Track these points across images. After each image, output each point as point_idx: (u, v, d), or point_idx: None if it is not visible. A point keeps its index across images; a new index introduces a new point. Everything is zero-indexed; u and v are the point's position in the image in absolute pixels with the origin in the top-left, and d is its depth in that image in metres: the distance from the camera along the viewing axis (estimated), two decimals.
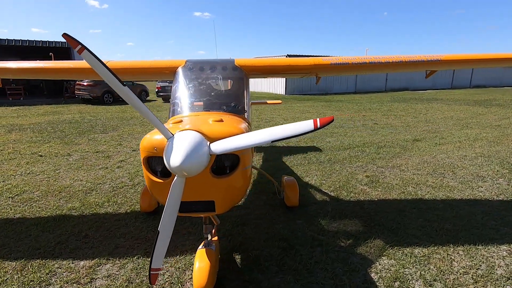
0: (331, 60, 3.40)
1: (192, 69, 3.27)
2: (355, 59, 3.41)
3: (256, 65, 3.40)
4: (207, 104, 2.99)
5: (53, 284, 2.80)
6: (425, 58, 3.44)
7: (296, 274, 2.88)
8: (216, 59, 3.45)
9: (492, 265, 3.01)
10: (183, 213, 2.31)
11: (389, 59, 3.41)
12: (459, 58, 3.48)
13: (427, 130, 10.45)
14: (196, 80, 3.17)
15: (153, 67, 3.45)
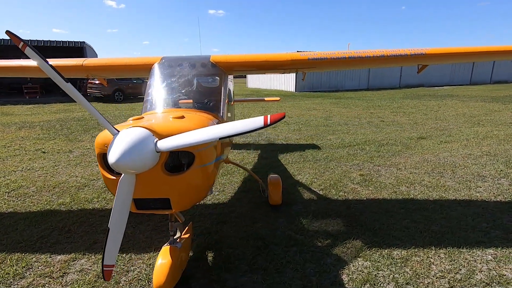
0: (308, 55, 3.30)
1: (167, 66, 3.26)
2: (334, 54, 3.29)
3: (232, 61, 3.34)
4: (177, 100, 2.97)
5: (26, 277, 2.87)
6: (409, 52, 3.28)
7: (264, 274, 2.83)
8: (192, 56, 3.42)
9: (473, 270, 2.85)
10: (141, 210, 2.31)
11: (369, 53, 3.28)
12: (445, 51, 3.30)
13: (435, 128, 10.09)
14: (169, 77, 3.16)
15: (129, 64, 3.46)
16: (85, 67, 3.50)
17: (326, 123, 11.15)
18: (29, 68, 3.52)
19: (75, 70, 3.58)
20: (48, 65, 1.79)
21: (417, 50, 3.28)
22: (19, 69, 3.58)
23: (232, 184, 5.18)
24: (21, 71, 3.79)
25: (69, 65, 3.53)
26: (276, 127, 10.62)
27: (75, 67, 3.49)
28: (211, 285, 2.69)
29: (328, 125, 10.85)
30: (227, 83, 3.44)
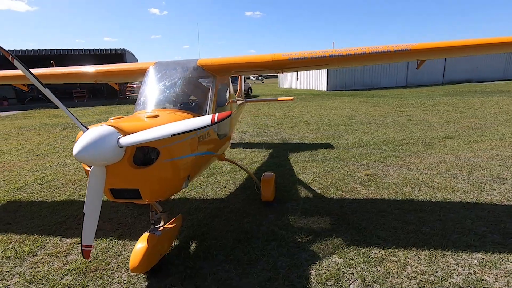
0: (289, 56, 3.38)
1: (158, 70, 3.56)
2: (314, 53, 3.33)
3: (218, 63, 3.54)
4: (163, 101, 3.25)
5: (38, 255, 3.34)
6: (392, 48, 3.20)
7: (237, 265, 2.99)
8: (182, 60, 3.68)
9: (450, 273, 2.74)
10: (118, 200, 2.60)
11: (350, 51, 3.25)
12: (431, 46, 3.15)
13: (467, 127, 9.38)
14: (158, 80, 3.45)
15: (130, 69, 3.83)
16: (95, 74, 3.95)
17: (348, 123, 10.89)
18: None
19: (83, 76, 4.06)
20: (31, 74, 2.14)
21: (401, 46, 3.19)
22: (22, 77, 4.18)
23: (234, 181, 5.39)
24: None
25: (77, 72, 4.01)
26: (295, 126, 10.64)
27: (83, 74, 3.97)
28: (186, 272, 2.91)
29: (350, 124, 10.59)
30: (215, 85, 3.64)
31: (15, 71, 4.04)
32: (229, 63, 3.56)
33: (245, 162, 6.64)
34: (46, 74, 4.02)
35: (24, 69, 2.14)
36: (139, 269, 2.65)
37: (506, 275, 2.68)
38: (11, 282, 2.88)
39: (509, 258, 2.91)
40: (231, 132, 4.54)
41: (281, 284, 2.69)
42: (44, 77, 3.99)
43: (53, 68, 4.18)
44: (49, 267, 3.09)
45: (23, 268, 3.10)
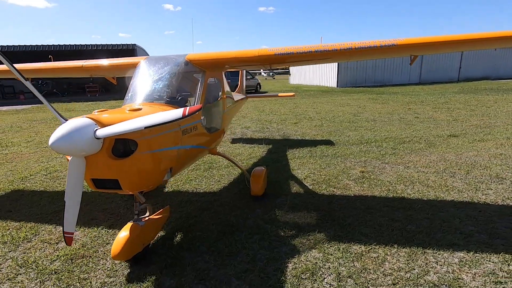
0: (275, 51, 3.38)
1: (148, 64, 3.63)
2: (301, 48, 3.32)
3: (205, 58, 3.59)
4: (150, 95, 3.32)
5: (32, 241, 3.50)
6: (378, 43, 3.16)
7: (217, 256, 3.05)
8: (171, 55, 3.74)
9: (427, 270, 2.72)
10: (100, 189, 2.70)
11: (336, 46, 3.23)
12: (419, 41, 3.08)
13: (475, 125, 9.13)
14: (147, 74, 3.52)
15: (123, 64, 3.92)
16: (85, 68, 4.08)
17: (352, 119, 10.77)
18: (29, 70, 4.24)
19: (78, 71, 4.19)
20: (14, 68, 2.24)
21: (387, 42, 3.14)
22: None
23: (229, 176, 5.45)
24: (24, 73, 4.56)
25: (72, 66, 4.14)
26: (298, 122, 10.60)
27: (77, 68, 4.10)
28: (167, 261, 3.00)
29: (354, 121, 10.47)
30: (204, 79, 3.69)
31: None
32: (216, 58, 3.60)
33: (243, 157, 6.70)
34: (43, 68, 4.18)
35: (7, 63, 2.24)
36: (119, 257, 2.75)
37: (485, 275, 2.64)
38: (4, 266, 3.04)
39: (492, 258, 2.86)
40: (224, 126, 4.58)
41: (257, 276, 2.73)
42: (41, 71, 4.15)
43: (49, 62, 4.33)
44: (41, 253, 3.24)
45: (16, 253, 3.26)
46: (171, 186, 5.05)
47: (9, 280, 2.82)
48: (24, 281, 2.79)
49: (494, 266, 2.75)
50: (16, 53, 21.63)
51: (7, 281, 2.81)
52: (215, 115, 4.36)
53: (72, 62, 4.20)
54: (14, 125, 11.72)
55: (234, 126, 10.33)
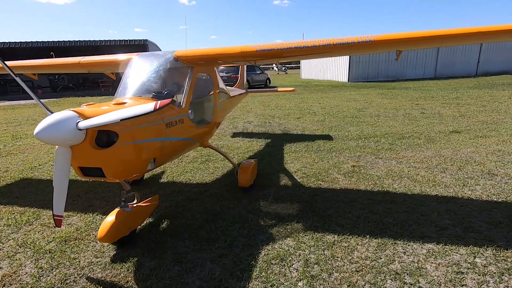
0: (257, 47, 3.50)
1: (138, 61, 3.84)
2: (281, 44, 3.42)
3: (192, 55, 3.75)
4: (138, 90, 3.53)
5: (33, 224, 3.81)
6: (356, 39, 3.22)
7: (196, 241, 3.25)
8: (160, 52, 3.93)
9: (393, 260, 2.82)
10: (87, 177, 2.93)
11: (315, 42, 3.31)
12: (395, 37, 3.13)
13: (482, 121, 8.94)
14: (136, 71, 3.73)
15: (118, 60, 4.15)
16: (82, 64, 4.33)
17: (356, 115, 10.73)
18: (37, 66, 4.54)
19: (76, 67, 4.45)
20: (4, 64, 2.48)
21: (365, 38, 3.21)
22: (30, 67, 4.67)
23: (223, 169, 5.64)
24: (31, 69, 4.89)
25: (70, 62, 4.40)
26: (301, 117, 10.66)
27: (75, 64, 4.36)
28: (150, 245, 3.22)
29: (358, 116, 10.43)
30: (192, 75, 3.86)
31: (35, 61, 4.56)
32: (202, 54, 3.77)
33: (241, 150, 6.87)
34: (43, 64, 4.47)
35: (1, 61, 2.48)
36: (105, 239, 2.99)
37: (448, 266, 2.71)
38: (5, 246, 3.35)
39: (460, 251, 2.92)
40: (215, 120, 4.75)
41: (230, 260, 2.91)
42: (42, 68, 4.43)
43: (48, 59, 4.62)
44: (39, 235, 3.54)
45: (18, 234, 3.57)
46: (167, 177, 5.29)
47: (8, 258, 3.12)
48: (21, 259, 3.08)
49: (460, 258, 2.81)
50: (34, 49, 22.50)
51: (7, 258, 3.11)
52: (205, 109, 4.53)
53: (70, 59, 4.46)
54: (30, 118, 12.33)
55: (237, 120, 10.50)
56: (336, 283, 2.57)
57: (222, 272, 2.74)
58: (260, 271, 2.73)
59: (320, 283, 2.56)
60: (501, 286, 2.47)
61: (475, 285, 2.48)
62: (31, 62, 4.55)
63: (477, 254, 2.86)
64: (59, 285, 2.67)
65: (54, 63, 4.49)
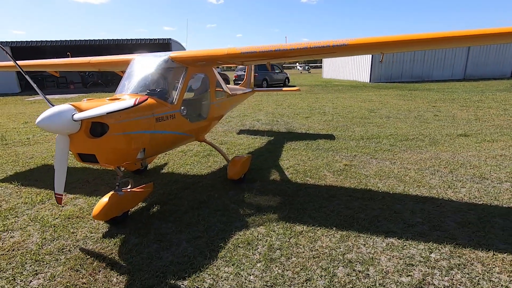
0: (241, 50, 3.78)
1: (137, 62, 4.26)
2: (264, 47, 3.68)
3: (184, 56, 4.10)
4: (135, 88, 3.94)
5: (45, 203, 4.35)
6: (331, 43, 3.41)
7: (179, 224, 3.62)
8: (157, 53, 4.33)
9: (350, 250, 3.02)
10: (84, 162, 3.38)
11: (294, 46, 3.54)
12: (367, 41, 3.28)
13: (496, 125, 8.65)
14: (135, 70, 4.15)
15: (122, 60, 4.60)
16: (92, 63, 4.84)
17: (366, 115, 10.69)
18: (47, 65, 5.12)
19: (87, 66, 4.97)
20: (16, 63, 2.96)
21: (339, 41, 3.40)
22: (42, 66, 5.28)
23: (222, 163, 5.98)
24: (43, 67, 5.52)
25: (81, 62, 4.93)
26: (309, 117, 10.79)
27: (86, 64, 4.87)
28: (138, 225, 3.63)
29: (367, 117, 10.40)
30: (186, 75, 4.22)
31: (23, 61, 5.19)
32: (192, 56, 4.12)
33: (243, 147, 7.19)
34: (57, 63, 5.05)
35: (11, 59, 2.97)
36: (97, 217, 3.43)
37: (401, 258, 2.87)
38: (20, 219, 3.90)
39: (418, 246, 3.06)
40: (211, 116, 5.08)
41: (203, 242, 3.25)
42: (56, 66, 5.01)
43: (63, 58, 5.19)
44: (49, 212, 4.07)
45: (31, 211, 4.13)
46: (168, 168, 5.73)
47: (20, 229, 3.65)
48: (30, 230, 3.61)
49: (416, 252, 2.96)
50: (70, 47, 24.12)
51: (19, 229, 3.64)
52: (200, 106, 4.90)
53: (81, 59, 5.00)
54: None
55: (246, 118, 10.83)
56: (291, 266, 2.82)
57: (194, 251, 3.09)
58: (227, 252, 3.04)
59: (276, 265, 2.83)
60: (446, 279, 2.60)
61: (420, 276, 2.64)
62: (47, 61, 5.16)
63: (434, 250, 2.98)
64: (56, 252, 3.14)
65: (67, 62, 5.05)
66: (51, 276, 2.77)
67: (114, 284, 2.66)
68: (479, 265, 2.76)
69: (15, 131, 9.44)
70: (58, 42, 24.38)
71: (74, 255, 3.08)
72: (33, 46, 24.05)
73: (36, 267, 2.91)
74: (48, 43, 24.08)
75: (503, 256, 2.87)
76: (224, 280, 2.67)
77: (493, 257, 2.85)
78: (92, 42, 24.53)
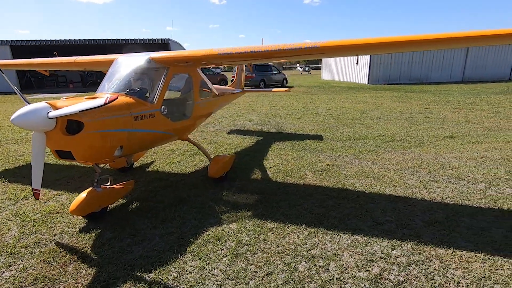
0: (218, 51, 3.88)
1: (119, 62, 4.37)
2: (240, 49, 3.77)
3: (164, 57, 4.20)
4: (115, 87, 4.05)
5: (28, 199, 4.45)
6: (303, 45, 3.51)
7: (154, 220, 3.72)
8: (139, 53, 4.44)
9: (315, 246, 3.11)
10: (62, 159, 3.48)
11: (268, 48, 3.63)
12: (337, 44, 3.37)
13: (484, 127, 8.71)
14: (116, 70, 4.25)
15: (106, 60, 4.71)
16: (77, 63, 4.95)
17: (358, 117, 10.77)
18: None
19: (72, 65, 5.08)
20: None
21: (311, 44, 3.49)
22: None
23: (207, 162, 6.06)
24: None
25: (66, 61, 5.04)
26: (301, 117, 10.87)
27: (71, 63, 4.99)
28: (115, 221, 3.73)
29: (358, 118, 10.48)
30: (167, 75, 4.32)
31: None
32: (173, 57, 4.22)
33: (231, 146, 7.29)
34: (40, 63, 5.17)
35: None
36: (74, 212, 3.53)
37: (363, 254, 2.96)
38: (2, 214, 4.01)
39: (382, 243, 3.14)
40: (195, 115, 5.17)
41: (176, 237, 3.35)
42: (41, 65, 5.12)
43: (47, 58, 5.30)
44: (30, 208, 4.18)
45: (14, 206, 4.24)
46: (154, 166, 5.84)
47: (1, 224, 3.76)
48: (10, 224, 3.72)
49: (378, 249, 3.05)
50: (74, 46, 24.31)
51: (0, 224, 3.76)
52: (182, 106, 5.00)
53: (65, 58, 5.12)
54: None
55: (238, 118, 10.94)
56: (256, 260, 2.91)
57: (164, 246, 3.18)
58: (196, 247, 3.14)
59: (241, 260, 2.93)
60: (402, 274, 2.69)
61: (377, 271, 2.72)
62: (30, 61, 5.27)
63: (397, 247, 3.07)
64: (32, 245, 3.25)
65: (51, 62, 5.17)
66: (23, 268, 2.87)
67: (83, 276, 2.76)
68: (437, 261, 2.85)
69: (9, 129, 9.57)
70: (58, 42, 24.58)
71: (49, 249, 3.19)
72: (38, 45, 24.23)
73: (10, 260, 3.02)
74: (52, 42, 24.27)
75: (461, 253, 2.95)
76: (189, 273, 2.76)
77: (452, 254, 2.94)
78: (92, 42, 24.73)
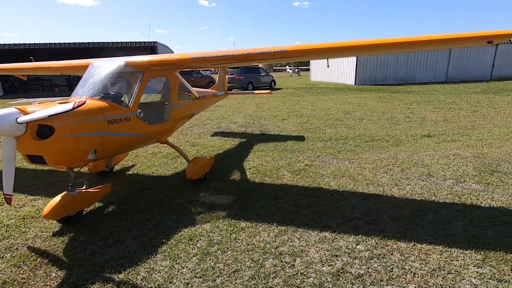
0: (191, 55, 3.97)
1: (94, 66, 4.40)
2: (212, 53, 3.87)
3: (139, 62, 4.27)
4: (89, 91, 4.08)
5: (3, 205, 4.44)
6: (272, 49, 3.62)
7: (129, 223, 3.76)
8: (114, 58, 4.49)
9: (284, 244, 3.21)
10: (34, 163, 3.50)
11: (239, 52, 3.74)
12: (304, 48, 3.50)
13: (461, 126, 9.01)
14: (91, 74, 4.29)
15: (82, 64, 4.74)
16: (52, 68, 4.97)
17: (340, 117, 10.97)
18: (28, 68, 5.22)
19: (48, 70, 5.09)
20: None
21: (280, 48, 3.61)
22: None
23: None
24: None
25: (42, 66, 5.05)
26: (286, 119, 11.01)
27: (47, 68, 5.00)
28: (90, 224, 3.76)
29: (341, 119, 10.68)
30: (143, 79, 4.37)
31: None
32: (147, 61, 4.28)
33: (214, 148, 7.35)
34: (16, 68, 5.16)
35: None
36: (48, 216, 3.55)
37: (329, 250, 3.08)
38: None
39: (348, 239, 3.27)
40: (174, 118, 5.22)
41: (149, 238, 3.40)
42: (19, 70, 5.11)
43: (23, 63, 5.30)
44: (5, 213, 4.17)
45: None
46: (134, 170, 5.86)
47: None
48: None
49: (343, 244, 3.17)
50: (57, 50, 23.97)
51: None
52: (160, 109, 5.05)
53: (41, 63, 5.12)
54: None
55: (223, 120, 11.01)
56: (225, 259, 3.00)
57: (137, 247, 3.24)
58: (167, 248, 3.21)
59: (210, 258, 3.01)
60: (363, 267, 2.81)
61: (340, 265, 2.84)
62: (4, 66, 5.25)
63: (361, 242, 3.20)
64: (3, 250, 3.26)
65: (26, 67, 5.17)
66: None
67: (52, 278, 2.79)
68: (398, 254, 2.98)
69: None
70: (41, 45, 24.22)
71: (20, 253, 3.20)
72: (27, 48, 23.78)
73: None
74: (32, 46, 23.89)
75: (421, 246, 3.09)
76: (158, 272, 2.83)
77: (412, 247, 3.08)
78: (77, 45, 24.45)
